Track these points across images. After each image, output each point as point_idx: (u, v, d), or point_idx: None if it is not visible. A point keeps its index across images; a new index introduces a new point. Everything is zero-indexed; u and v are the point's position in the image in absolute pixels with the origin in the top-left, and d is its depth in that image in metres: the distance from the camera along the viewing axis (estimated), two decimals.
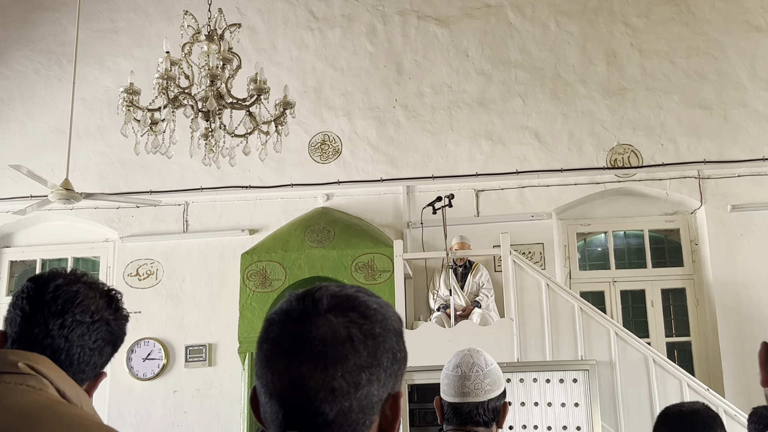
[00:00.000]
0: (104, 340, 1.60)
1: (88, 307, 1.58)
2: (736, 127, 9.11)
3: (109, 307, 1.62)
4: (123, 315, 1.66)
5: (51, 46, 10.06)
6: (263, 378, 1.16)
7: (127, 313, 1.68)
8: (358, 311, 1.16)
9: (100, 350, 1.59)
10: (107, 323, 1.60)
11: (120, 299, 1.67)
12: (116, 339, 1.64)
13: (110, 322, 1.61)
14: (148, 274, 9.42)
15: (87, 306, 1.57)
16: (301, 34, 9.92)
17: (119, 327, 1.64)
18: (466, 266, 8.36)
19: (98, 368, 1.60)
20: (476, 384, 2.58)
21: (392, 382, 1.17)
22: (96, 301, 1.60)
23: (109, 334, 1.61)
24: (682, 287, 9.17)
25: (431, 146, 9.44)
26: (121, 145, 8.76)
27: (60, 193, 7.35)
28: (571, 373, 7.25)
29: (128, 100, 6.19)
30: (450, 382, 2.63)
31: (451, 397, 2.62)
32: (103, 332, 1.59)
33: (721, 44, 9.35)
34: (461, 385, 2.59)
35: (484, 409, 2.57)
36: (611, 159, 9.21)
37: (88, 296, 1.59)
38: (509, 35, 9.66)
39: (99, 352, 1.59)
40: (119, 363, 9.13)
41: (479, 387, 2.58)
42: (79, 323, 1.55)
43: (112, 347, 1.63)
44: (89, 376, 1.58)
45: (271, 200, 9.49)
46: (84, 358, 1.55)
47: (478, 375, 2.59)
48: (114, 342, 1.63)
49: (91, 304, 1.58)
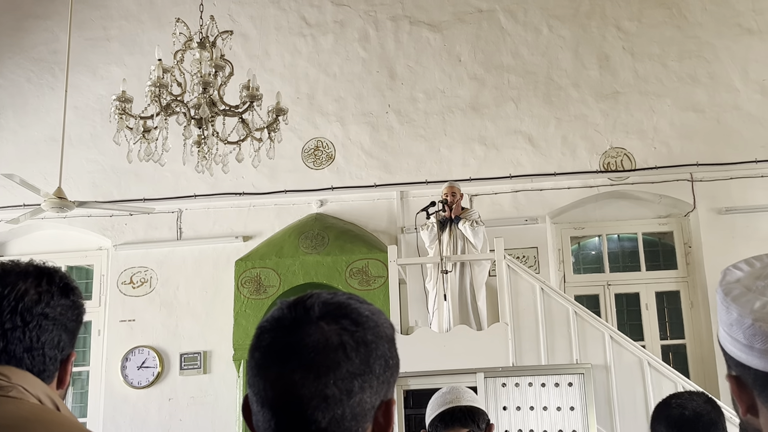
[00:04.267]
0: (52, 332, 1.48)
1: (30, 308, 1.46)
2: (729, 129, 9.13)
3: (40, 300, 1.48)
4: (62, 295, 1.51)
5: (43, 55, 10.05)
6: (255, 386, 1.15)
7: (66, 286, 1.53)
8: (350, 318, 1.16)
9: (54, 344, 1.48)
10: (45, 317, 1.47)
11: (54, 277, 1.53)
12: (66, 321, 1.51)
13: (48, 314, 1.47)
14: (142, 282, 9.40)
15: (28, 306, 1.46)
16: (294, 40, 9.92)
17: (63, 310, 1.50)
18: (459, 218, 8.01)
19: (60, 358, 1.50)
20: (456, 395, 2.88)
21: (385, 389, 1.17)
22: (29, 294, 1.47)
23: (53, 325, 1.48)
24: (676, 290, 9.19)
25: (425, 151, 9.44)
26: (114, 153, 8.76)
27: (53, 201, 7.33)
28: (566, 377, 7.24)
29: (121, 107, 6.19)
30: (434, 405, 2.91)
31: (437, 410, 2.86)
32: (48, 326, 1.47)
33: (713, 47, 9.37)
34: (444, 399, 2.87)
35: (469, 413, 2.83)
36: (604, 162, 9.22)
37: (27, 294, 1.47)
38: (502, 40, 9.67)
39: (54, 346, 1.48)
40: (114, 371, 9.11)
41: (460, 396, 2.87)
42: (19, 328, 1.44)
43: (66, 331, 1.51)
44: (53, 369, 1.49)
45: (265, 207, 9.48)
46: (39, 358, 1.46)
47: (458, 390, 2.91)
48: (65, 325, 1.51)
49: (28, 300, 1.46)
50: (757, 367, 1.14)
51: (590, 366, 7.27)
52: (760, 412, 1.17)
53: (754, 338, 1.13)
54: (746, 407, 1.18)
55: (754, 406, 1.17)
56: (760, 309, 1.13)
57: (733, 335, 1.17)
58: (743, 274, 1.21)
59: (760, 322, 1.12)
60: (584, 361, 7.33)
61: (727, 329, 1.19)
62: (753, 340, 1.13)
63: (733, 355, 1.19)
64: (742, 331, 1.15)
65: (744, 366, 1.17)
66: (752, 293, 1.16)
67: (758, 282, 1.17)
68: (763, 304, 1.13)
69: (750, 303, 1.15)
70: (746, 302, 1.15)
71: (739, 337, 1.15)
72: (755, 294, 1.16)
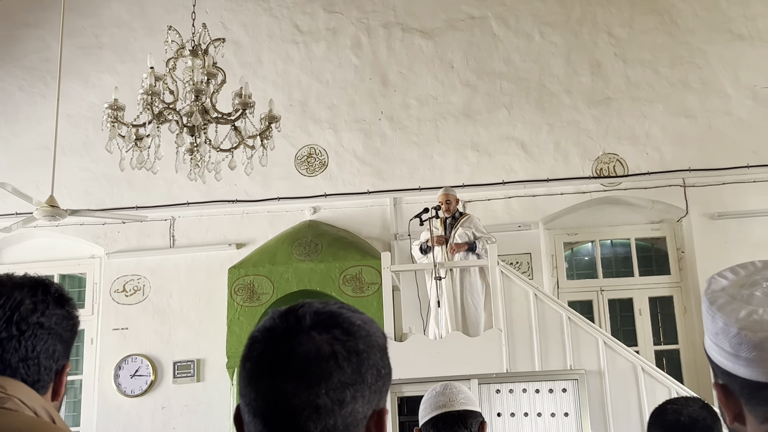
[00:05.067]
0: (47, 341, 1.48)
1: (25, 317, 1.47)
2: (721, 135, 9.16)
3: (35, 309, 1.49)
4: (57, 306, 1.52)
5: (35, 63, 10.03)
6: (247, 397, 1.15)
7: (62, 297, 1.54)
8: (342, 328, 1.15)
9: (49, 354, 1.49)
10: (41, 326, 1.48)
11: (50, 288, 1.53)
12: (62, 332, 1.52)
13: (43, 324, 1.48)
14: (134, 290, 9.38)
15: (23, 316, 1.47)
16: (286, 47, 9.93)
17: (58, 320, 1.51)
18: (455, 217, 8.05)
19: (55, 369, 1.51)
20: (451, 397, 2.82)
21: (377, 398, 1.17)
22: (25, 304, 1.47)
23: (48, 335, 1.49)
24: (669, 295, 9.20)
25: (417, 158, 9.45)
26: (106, 161, 8.73)
27: (45, 210, 7.31)
28: (560, 383, 7.24)
29: (112, 115, 6.17)
30: (425, 406, 2.86)
31: (428, 415, 2.82)
32: (44, 336, 1.48)
33: (704, 53, 9.41)
34: (436, 402, 2.82)
35: (461, 418, 2.78)
36: (597, 168, 9.24)
37: (22, 304, 1.47)
38: (494, 46, 9.69)
39: (49, 356, 1.49)
40: (107, 380, 9.08)
41: (454, 399, 2.81)
42: (15, 337, 1.45)
43: (61, 342, 1.52)
44: (48, 380, 1.50)
45: (258, 214, 9.47)
46: (35, 368, 1.47)
47: (451, 390, 2.84)
48: (60, 335, 1.51)
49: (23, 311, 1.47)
50: (744, 375, 1.14)
51: (584, 372, 7.27)
52: (747, 420, 1.17)
53: (740, 347, 1.13)
54: (733, 415, 1.18)
55: (741, 414, 1.17)
56: (746, 318, 1.13)
57: (719, 344, 1.17)
58: (728, 282, 1.21)
59: (745, 330, 1.12)
60: (578, 367, 7.33)
61: (713, 338, 1.19)
62: (739, 349, 1.13)
63: (719, 363, 1.19)
64: (728, 340, 1.15)
65: (730, 375, 1.17)
66: (737, 302, 1.16)
67: (743, 290, 1.17)
68: (749, 313, 1.13)
69: (735, 312, 1.15)
70: (731, 311, 1.15)
71: (725, 346, 1.15)
72: (740, 303, 1.15)
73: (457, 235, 7.94)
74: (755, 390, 1.14)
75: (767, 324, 1.11)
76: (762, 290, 1.16)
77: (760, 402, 1.14)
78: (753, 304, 1.14)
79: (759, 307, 1.13)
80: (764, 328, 1.11)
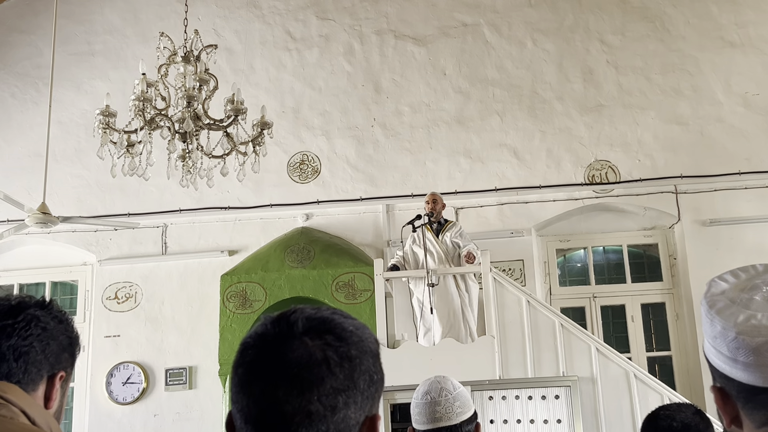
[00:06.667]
0: (41, 335, 1.53)
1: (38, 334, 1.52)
2: (713, 141, 9.19)
3: (36, 316, 1.55)
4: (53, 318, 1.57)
5: (27, 69, 10.01)
6: (239, 403, 1.14)
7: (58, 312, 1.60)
8: (334, 333, 1.15)
9: (41, 348, 1.52)
10: (38, 321, 1.53)
11: (52, 303, 1.60)
12: (58, 334, 1.56)
13: (40, 318, 1.54)
14: (126, 297, 9.35)
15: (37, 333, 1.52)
16: (279, 54, 9.93)
17: (56, 324, 1.57)
18: (440, 222, 7.99)
19: (46, 367, 1.52)
20: (447, 408, 2.69)
21: (369, 404, 1.16)
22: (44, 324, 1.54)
23: (42, 331, 1.53)
24: (661, 301, 9.21)
25: (410, 165, 9.45)
26: (98, 168, 8.73)
27: (37, 217, 7.28)
28: (553, 390, 7.24)
29: (104, 122, 6.17)
30: (421, 411, 2.73)
31: (424, 424, 2.72)
32: (37, 330, 1.52)
33: (696, 60, 9.44)
34: (432, 411, 2.70)
35: (458, 429, 2.68)
36: (589, 175, 9.25)
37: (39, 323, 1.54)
38: (486, 53, 9.71)
39: (41, 351, 1.52)
40: (99, 387, 9.05)
41: (450, 410, 2.69)
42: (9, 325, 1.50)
43: (56, 342, 1.56)
44: (35, 374, 1.50)
45: (251, 221, 9.46)
46: (23, 358, 1.49)
47: (447, 399, 2.70)
48: (56, 337, 1.56)
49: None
50: (741, 379, 1.14)
51: (577, 378, 7.27)
52: (744, 423, 1.17)
53: (738, 351, 1.13)
54: (730, 419, 1.19)
55: (738, 417, 1.18)
56: (744, 322, 1.13)
57: (717, 347, 1.17)
58: (728, 286, 1.21)
59: (743, 335, 1.12)
60: (570, 374, 7.33)
61: (711, 341, 1.19)
62: (737, 353, 1.13)
63: (717, 367, 1.19)
64: (726, 343, 1.15)
65: (728, 378, 1.17)
66: (736, 306, 1.16)
67: (743, 294, 1.17)
68: (747, 317, 1.13)
69: (734, 316, 1.15)
70: (730, 315, 1.15)
71: (723, 350, 1.15)
72: (739, 307, 1.16)
73: (446, 240, 7.92)
74: (752, 394, 1.14)
75: (765, 329, 1.11)
76: (762, 294, 1.16)
77: (757, 406, 1.14)
78: (752, 309, 1.14)
79: (758, 312, 1.13)
80: (762, 333, 1.11)
